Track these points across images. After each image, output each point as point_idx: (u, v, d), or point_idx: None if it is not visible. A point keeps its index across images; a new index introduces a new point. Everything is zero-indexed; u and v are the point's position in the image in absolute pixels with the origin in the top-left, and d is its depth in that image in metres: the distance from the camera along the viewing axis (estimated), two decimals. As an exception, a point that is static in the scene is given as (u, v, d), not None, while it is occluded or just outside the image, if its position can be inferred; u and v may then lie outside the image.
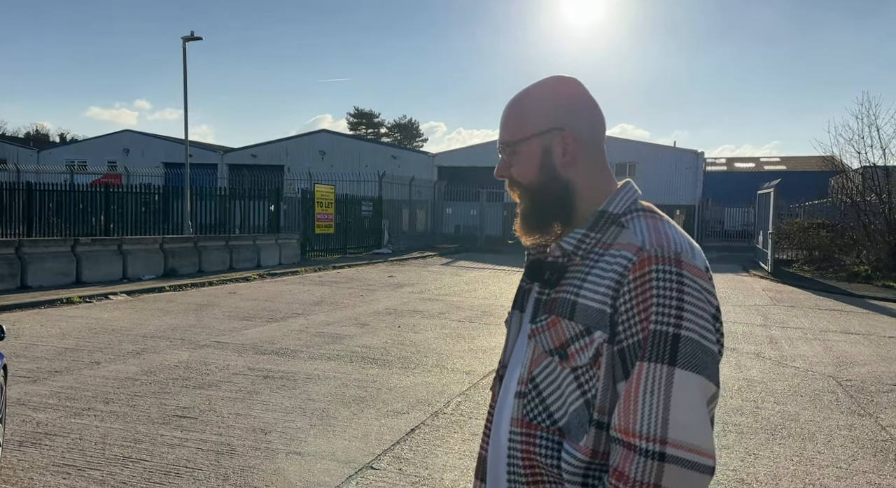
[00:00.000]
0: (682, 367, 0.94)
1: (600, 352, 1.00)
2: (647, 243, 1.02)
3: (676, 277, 0.99)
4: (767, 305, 11.92)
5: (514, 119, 1.16)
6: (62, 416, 4.69)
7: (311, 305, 10.39)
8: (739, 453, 4.36)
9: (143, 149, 40.46)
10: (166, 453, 4.06)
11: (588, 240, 1.09)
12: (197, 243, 14.73)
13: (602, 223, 1.09)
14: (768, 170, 43.84)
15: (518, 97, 1.17)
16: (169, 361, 6.38)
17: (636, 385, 0.96)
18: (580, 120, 1.14)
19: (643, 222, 1.08)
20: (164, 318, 8.80)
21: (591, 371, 1.01)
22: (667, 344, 0.95)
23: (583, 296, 1.04)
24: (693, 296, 0.98)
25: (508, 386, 1.15)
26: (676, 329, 0.96)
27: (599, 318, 1.01)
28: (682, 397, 0.93)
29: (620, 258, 1.03)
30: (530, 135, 1.13)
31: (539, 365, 1.08)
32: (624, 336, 0.99)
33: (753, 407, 5.43)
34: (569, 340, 1.04)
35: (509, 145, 1.15)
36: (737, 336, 8.64)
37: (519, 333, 1.19)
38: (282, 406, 5.08)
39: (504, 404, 1.15)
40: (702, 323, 0.97)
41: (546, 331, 1.07)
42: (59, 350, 6.76)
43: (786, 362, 7.20)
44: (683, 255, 1.00)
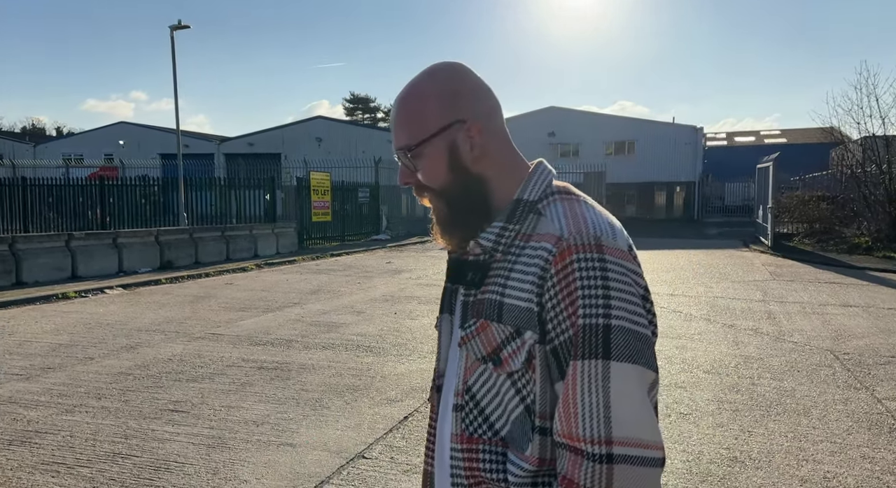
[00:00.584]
0: (617, 359, 0.89)
1: (533, 353, 0.94)
2: (565, 231, 0.95)
3: (599, 264, 0.92)
4: (767, 280, 11.86)
5: (408, 119, 1.03)
6: (53, 413, 4.67)
7: (308, 294, 10.36)
8: (734, 431, 4.33)
9: (140, 141, 40.30)
10: (157, 448, 4.04)
11: (507, 234, 1.00)
12: (193, 234, 14.68)
13: (519, 213, 1.01)
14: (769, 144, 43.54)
15: (407, 94, 1.04)
16: (163, 355, 6.36)
17: (573, 386, 0.90)
18: (480, 107, 1.03)
19: (559, 207, 1.00)
20: (159, 311, 8.78)
21: (526, 375, 0.95)
22: (598, 337, 0.89)
23: (508, 295, 0.97)
24: (619, 281, 0.91)
25: (447, 399, 1.08)
26: (606, 319, 0.90)
27: (528, 318, 0.94)
28: (621, 391, 0.88)
29: (541, 250, 0.95)
30: (431, 134, 1.01)
31: (473, 373, 1.01)
32: (555, 334, 0.93)
33: (749, 383, 5.40)
34: (500, 344, 0.97)
35: (410, 149, 1.03)
36: (735, 312, 8.60)
37: (451, 339, 1.11)
38: (275, 397, 5.05)
39: (444, 418, 1.08)
40: (631, 308, 0.91)
41: (476, 336, 1.00)
42: (53, 346, 6.74)
43: (784, 337, 7.16)
44: (604, 239, 0.93)
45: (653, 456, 0.88)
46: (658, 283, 11.41)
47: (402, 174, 1.07)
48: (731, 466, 3.78)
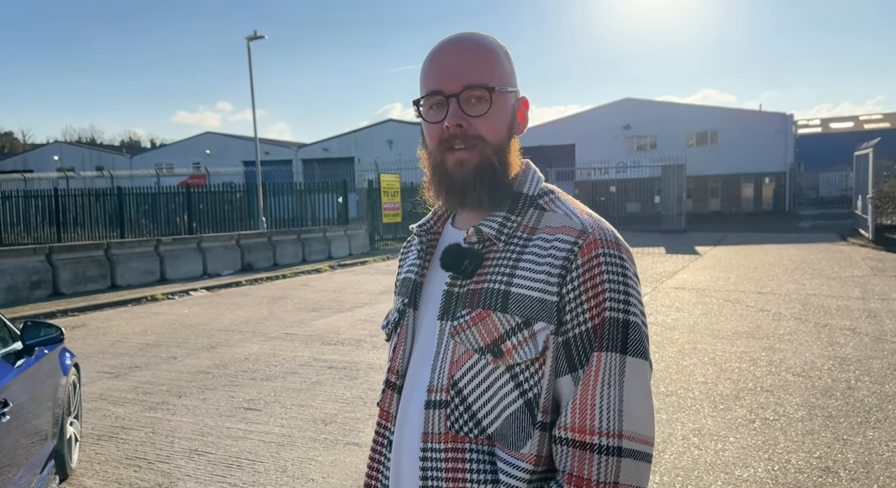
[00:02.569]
0: (632, 354, 0.91)
1: (547, 345, 0.91)
2: (587, 226, 0.94)
3: (620, 261, 0.93)
4: (867, 276, 10.96)
5: (489, 62, 0.98)
6: (138, 410, 4.92)
7: (378, 295, 10.49)
8: (826, 439, 3.97)
9: (224, 150, 42.37)
10: (230, 445, 4.16)
11: (510, 224, 0.99)
12: (271, 238, 15.23)
13: (520, 206, 1.00)
14: (869, 129, 40.43)
15: (484, 39, 1.01)
16: (240, 354, 6.59)
17: (595, 377, 0.89)
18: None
19: (567, 204, 1.00)
20: (238, 312, 9.13)
21: (532, 367, 0.92)
22: (618, 331, 0.91)
23: (516, 284, 0.93)
24: (632, 280, 0.94)
25: (411, 400, 0.99)
26: (625, 315, 0.91)
27: (540, 308, 0.91)
28: (633, 386, 0.90)
29: (557, 242, 0.94)
30: (508, 86, 1.00)
31: (461, 366, 0.94)
32: (571, 325, 0.91)
33: (845, 387, 4.96)
34: (503, 335, 0.92)
35: (488, 89, 0.96)
36: (830, 311, 7.98)
37: (415, 334, 1.03)
38: (343, 396, 5.11)
39: (407, 420, 0.99)
40: (640, 307, 0.94)
41: (472, 327, 0.94)
42: (141, 346, 7.14)
43: (886, 338, 6.56)
44: (620, 239, 0.96)
45: (649, 453, 0.90)
46: (744, 281, 10.78)
47: (456, 114, 0.96)
48: (822, 477, 3.47)
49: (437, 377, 0.95)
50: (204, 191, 18.88)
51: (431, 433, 0.95)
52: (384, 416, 1.05)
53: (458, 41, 0.99)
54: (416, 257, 1.08)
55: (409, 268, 1.10)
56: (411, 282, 1.06)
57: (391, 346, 1.08)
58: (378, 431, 1.07)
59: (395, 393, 1.03)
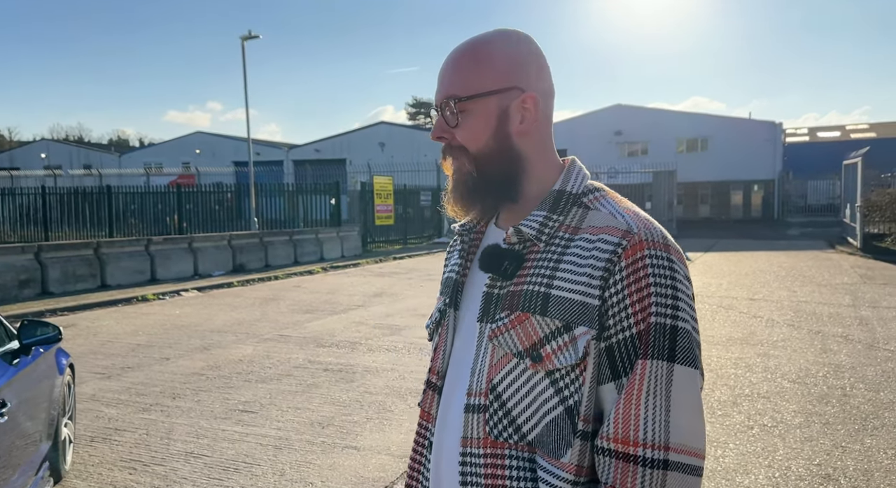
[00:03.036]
0: (681, 362, 0.86)
1: (588, 350, 0.87)
2: (633, 226, 0.90)
3: (668, 263, 0.88)
4: (857, 284, 11.07)
5: (468, 69, 0.95)
6: (131, 412, 4.85)
7: (372, 297, 10.45)
8: (825, 446, 3.99)
9: (214, 150, 42.12)
10: (227, 448, 4.11)
11: (551, 224, 0.94)
12: (263, 238, 15.14)
13: (563, 204, 0.96)
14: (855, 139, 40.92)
15: (473, 44, 0.97)
16: (234, 356, 6.53)
17: (639, 385, 0.85)
18: (541, 84, 0.98)
19: (612, 202, 0.95)
20: (231, 313, 9.05)
21: (572, 373, 0.88)
22: (665, 338, 0.86)
23: (557, 287, 0.89)
24: (682, 284, 0.89)
25: (451, 401, 0.97)
26: (674, 321, 0.87)
27: (582, 312, 0.88)
28: (682, 396, 0.85)
29: (600, 243, 0.89)
30: (488, 91, 0.95)
31: (500, 370, 0.92)
32: (614, 331, 0.87)
33: (841, 394, 4.99)
34: (542, 339, 0.89)
35: (458, 101, 0.95)
36: (822, 318, 8.04)
37: (455, 335, 1.01)
38: (340, 399, 5.07)
39: (447, 421, 0.97)
40: (692, 313, 0.89)
41: (510, 329, 0.91)
42: (133, 346, 7.05)
43: (878, 345, 6.61)
44: (668, 240, 0.91)
45: (700, 466, 0.86)
46: (736, 287, 10.84)
47: (439, 128, 0.99)
48: (823, 484, 3.48)
49: (476, 380, 0.93)
50: (194, 190, 18.74)
51: (470, 437, 0.92)
52: (425, 417, 1.04)
53: (452, 51, 0.99)
54: (458, 257, 1.06)
55: (451, 268, 1.08)
56: (453, 282, 1.04)
57: (433, 346, 1.07)
58: (419, 432, 1.05)
59: (436, 393, 1.02)
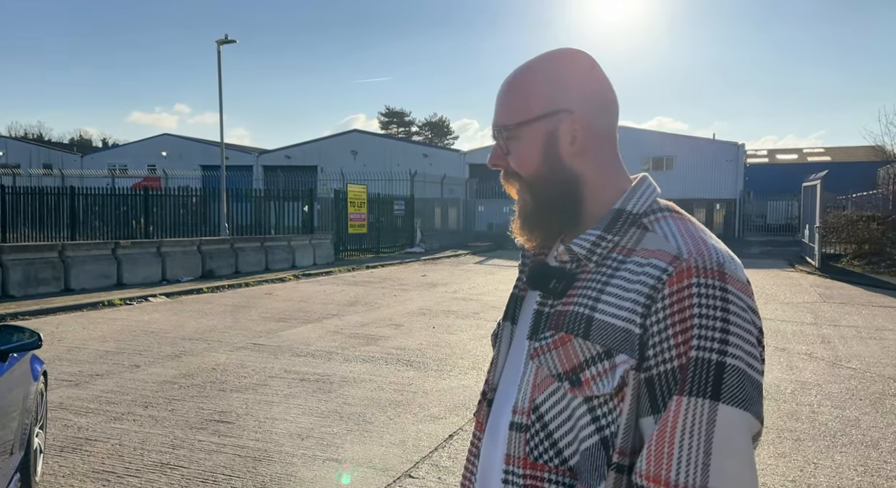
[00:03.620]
0: (727, 403, 0.79)
1: (626, 380, 0.83)
2: (683, 251, 0.85)
3: (721, 293, 0.82)
4: (817, 302, 11.45)
5: (513, 98, 0.98)
6: (103, 421, 4.71)
7: (346, 306, 10.37)
8: (798, 462, 4.11)
9: (181, 153, 41.33)
10: (204, 459, 4.02)
11: (604, 244, 0.92)
12: (233, 244, 14.90)
13: (620, 224, 0.92)
14: (812, 162, 42.42)
15: (519, 72, 0.99)
16: (206, 364, 6.40)
17: (673, 423, 0.79)
18: (592, 102, 0.96)
19: (672, 224, 0.91)
20: (201, 320, 8.87)
21: (610, 402, 0.85)
22: (710, 374, 0.79)
23: (601, 310, 0.87)
24: (739, 316, 0.82)
25: (500, 415, 0.97)
26: (721, 356, 0.80)
27: (624, 339, 0.84)
28: (725, 439, 0.78)
29: (649, 267, 0.86)
30: (533, 117, 0.95)
31: (544, 391, 0.90)
32: (654, 362, 0.82)
33: (810, 411, 5.15)
34: (583, 363, 0.87)
35: (507, 129, 0.97)
36: (786, 335, 8.29)
37: (510, 349, 1.02)
38: (318, 410, 5.01)
39: (496, 436, 0.97)
40: (748, 348, 0.81)
41: (552, 350, 0.90)
42: (101, 353, 6.85)
43: (841, 363, 6.85)
44: (727, 267, 0.84)
45: None
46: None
47: (494, 155, 1.00)
48: (798, 500, 3.58)
49: (521, 398, 0.93)
50: (162, 193, 18.35)
51: (513, 456, 0.92)
52: (478, 427, 1.05)
53: (507, 78, 1.01)
54: (521, 272, 1.07)
55: (516, 283, 1.09)
56: (514, 297, 1.05)
57: (492, 358, 1.08)
58: (472, 441, 1.06)
59: (488, 406, 1.03)
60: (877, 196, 21.19)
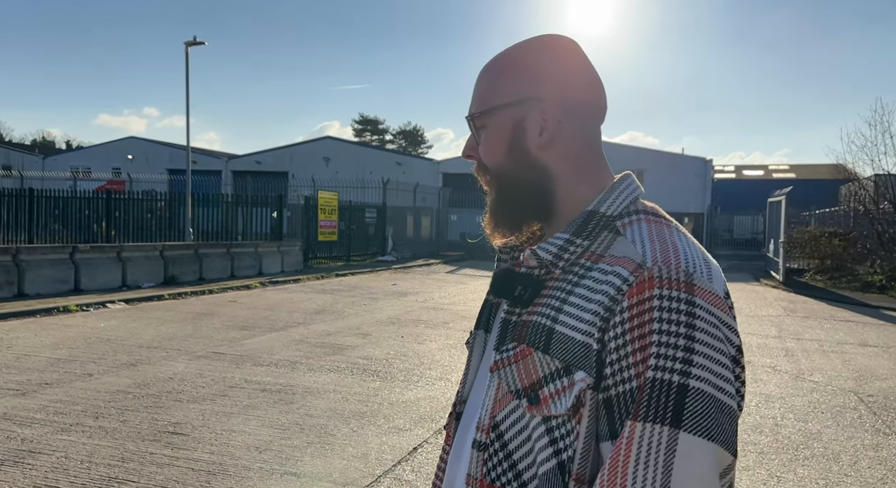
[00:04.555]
0: (689, 431, 0.69)
1: (582, 400, 0.75)
2: (648, 258, 0.77)
3: (686, 306, 0.73)
4: (781, 316, 11.64)
5: (483, 85, 0.91)
6: (49, 432, 4.48)
7: (313, 314, 10.18)
8: (762, 475, 4.11)
9: (148, 156, 40.52)
10: (155, 473, 3.84)
11: (573, 249, 0.83)
12: (198, 250, 14.56)
13: (592, 227, 0.83)
14: (777, 178, 43.53)
15: (496, 56, 0.93)
16: (163, 373, 6.17)
17: (626, 452, 0.70)
18: (570, 91, 0.88)
19: (644, 228, 0.82)
20: (161, 328, 8.60)
21: (568, 424, 0.76)
22: (670, 398, 0.70)
23: (562, 322, 0.78)
24: (707, 333, 0.72)
25: (466, 431, 0.90)
26: (683, 378, 0.70)
27: (583, 355, 0.76)
28: (687, 472, 0.68)
29: (612, 276, 0.77)
30: (500, 104, 0.88)
31: (504, 407, 0.82)
32: (613, 382, 0.73)
33: (773, 424, 5.17)
34: (541, 380, 0.78)
35: (474, 117, 0.91)
36: (751, 348, 8.38)
37: (482, 360, 0.95)
38: (278, 422, 4.85)
39: (460, 453, 0.90)
40: (717, 369, 0.72)
41: (513, 364, 0.82)
42: (52, 361, 6.56)
43: (804, 376, 6.93)
44: (697, 277, 0.75)
45: None
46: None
47: (467, 146, 0.94)
48: (762, 514, 3.56)
49: (483, 414, 0.85)
50: (125, 197, 17.88)
51: (472, 475, 0.84)
52: (447, 441, 0.97)
53: (485, 65, 0.95)
54: None
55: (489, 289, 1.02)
56: (487, 304, 0.98)
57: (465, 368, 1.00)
58: (441, 456, 0.98)
59: (456, 420, 0.95)
60: (839, 213, 21.78)
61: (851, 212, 19.30)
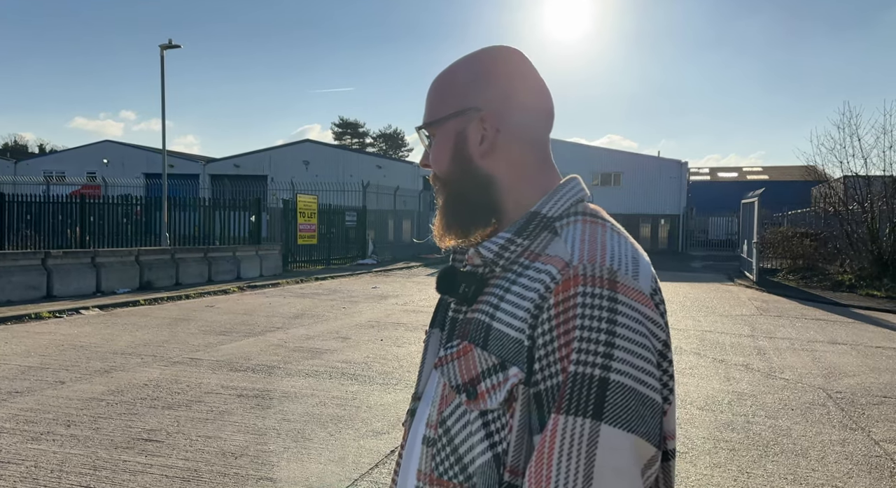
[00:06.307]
0: (610, 423, 0.72)
1: (514, 395, 0.78)
2: (575, 257, 0.80)
3: (608, 303, 0.76)
4: (754, 315, 11.85)
5: (430, 97, 0.96)
6: (18, 441, 4.41)
7: (292, 318, 10.13)
8: (732, 471, 4.19)
9: (124, 160, 39.95)
10: (128, 481, 3.80)
11: (513, 248, 0.86)
12: (174, 255, 14.40)
13: (532, 227, 0.87)
14: (751, 180, 44.28)
15: (443, 70, 0.98)
16: (138, 380, 6.10)
17: (550, 444, 0.73)
18: (511, 100, 0.91)
19: (578, 229, 0.85)
20: (136, 334, 8.50)
21: (503, 418, 0.80)
22: (591, 391, 0.73)
23: (499, 319, 0.82)
24: (629, 328, 0.75)
25: (418, 428, 0.93)
26: (604, 371, 0.73)
27: (516, 351, 0.79)
28: (608, 463, 0.71)
29: (544, 274, 0.81)
30: (443, 116, 0.93)
31: (450, 403, 0.86)
32: (541, 376, 0.77)
33: (744, 422, 5.27)
34: (480, 375, 0.82)
35: (420, 128, 0.98)
36: (724, 347, 8.52)
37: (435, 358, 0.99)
38: (255, 427, 4.83)
39: (412, 449, 0.93)
40: (639, 363, 0.75)
41: (454, 360, 0.85)
42: (22, 369, 6.45)
43: (775, 374, 7.07)
44: (621, 274, 0.78)
45: None
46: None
47: (423, 155, 0.99)
48: (731, 510, 3.63)
49: (432, 410, 0.88)
50: (100, 202, 17.60)
51: (422, 471, 0.87)
52: (405, 438, 1.00)
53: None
54: None
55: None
56: (441, 303, 1.00)
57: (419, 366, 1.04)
58: (399, 453, 1.01)
59: (411, 417, 0.98)
60: (810, 213, 22.23)
61: (822, 213, 19.71)
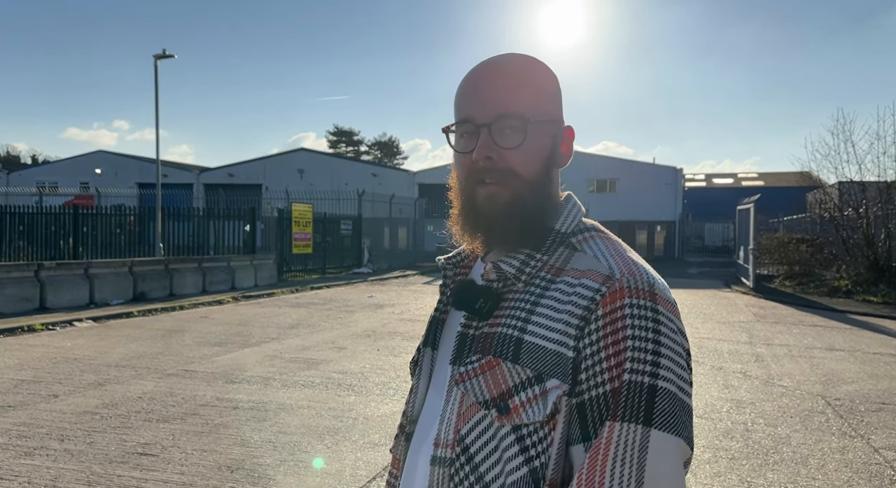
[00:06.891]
0: (659, 428, 0.76)
1: (558, 407, 0.79)
2: (616, 271, 0.83)
3: (652, 314, 0.80)
4: (751, 322, 11.84)
5: (527, 89, 0.89)
6: (11, 457, 4.34)
7: (287, 329, 10.06)
8: (732, 481, 4.15)
9: (118, 170, 39.87)
10: (122, 497, 3.75)
11: (533, 263, 0.88)
12: (168, 266, 14.32)
13: (549, 243, 0.89)
14: (746, 186, 44.46)
15: (524, 65, 0.91)
16: (132, 392, 6.04)
17: (605, 451, 0.75)
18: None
19: (601, 244, 0.89)
20: (130, 346, 8.42)
21: (541, 431, 0.80)
22: (642, 398, 0.76)
23: (531, 332, 0.82)
24: (669, 338, 0.80)
25: (419, 450, 0.90)
26: (653, 379, 0.77)
27: (556, 363, 0.80)
28: (658, 467, 0.74)
29: (581, 288, 0.82)
30: (550, 117, 0.91)
31: (469, 420, 0.84)
32: (587, 386, 0.78)
33: (744, 430, 5.24)
34: (512, 389, 0.81)
35: (521, 119, 0.87)
36: (723, 354, 8.50)
37: (431, 378, 0.95)
38: (251, 440, 4.78)
39: (413, 473, 0.90)
40: (678, 371, 0.79)
41: (479, 375, 0.84)
42: (15, 382, 6.38)
43: (773, 381, 7.05)
44: (657, 287, 0.82)
45: None
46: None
47: (485, 146, 0.87)
48: (733, 520, 3.60)
49: (444, 429, 0.85)
50: (93, 212, 17.52)
51: None
52: (395, 464, 0.97)
53: (497, 64, 0.90)
54: (441, 293, 1.00)
55: (437, 305, 1.01)
56: (434, 320, 0.98)
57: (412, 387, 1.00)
58: (388, 480, 0.99)
59: (405, 440, 0.95)
60: (806, 219, 22.30)
61: (818, 219, 19.78)
